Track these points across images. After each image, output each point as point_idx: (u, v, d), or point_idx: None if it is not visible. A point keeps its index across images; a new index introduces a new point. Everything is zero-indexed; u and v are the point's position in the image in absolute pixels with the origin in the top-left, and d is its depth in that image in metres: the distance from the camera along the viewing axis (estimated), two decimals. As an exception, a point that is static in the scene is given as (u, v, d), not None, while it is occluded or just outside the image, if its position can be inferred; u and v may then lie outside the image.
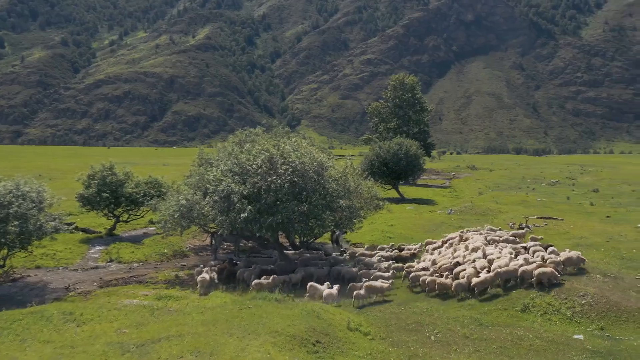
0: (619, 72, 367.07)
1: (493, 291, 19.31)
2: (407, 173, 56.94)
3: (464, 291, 19.44)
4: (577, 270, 19.76)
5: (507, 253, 21.83)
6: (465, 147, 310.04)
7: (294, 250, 26.73)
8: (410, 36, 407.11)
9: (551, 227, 31.37)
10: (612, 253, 22.20)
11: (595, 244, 24.91)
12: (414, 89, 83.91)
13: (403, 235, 32.36)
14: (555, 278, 18.60)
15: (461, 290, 19.42)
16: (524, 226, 30.22)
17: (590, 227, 30.52)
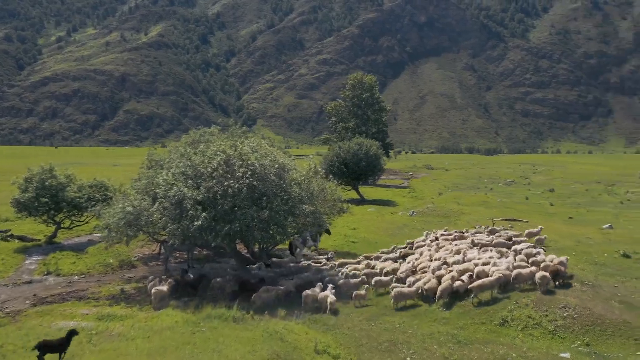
0: (564, 74, 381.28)
1: (468, 304, 18.05)
2: (368, 174, 55.90)
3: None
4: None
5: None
6: (420, 146, 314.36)
7: (254, 259, 24.83)
8: (365, 36, 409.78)
9: (517, 230, 30.66)
10: (584, 258, 21.46)
11: (566, 247, 24.20)
12: (372, 89, 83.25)
13: (367, 240, 31.03)
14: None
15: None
16: (491, 229, 29.36)
17: (556, 229, 30.02)
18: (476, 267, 19.62)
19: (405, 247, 26.64)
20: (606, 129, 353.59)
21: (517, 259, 20.55)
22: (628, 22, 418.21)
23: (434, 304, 18.47)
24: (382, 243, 29.85)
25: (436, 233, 28.36)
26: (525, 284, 18.46)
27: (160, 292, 19.23)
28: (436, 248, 24.62)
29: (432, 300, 18.80)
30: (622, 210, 41.27)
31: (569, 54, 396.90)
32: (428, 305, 18.60)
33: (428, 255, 23.28)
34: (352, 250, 28.35)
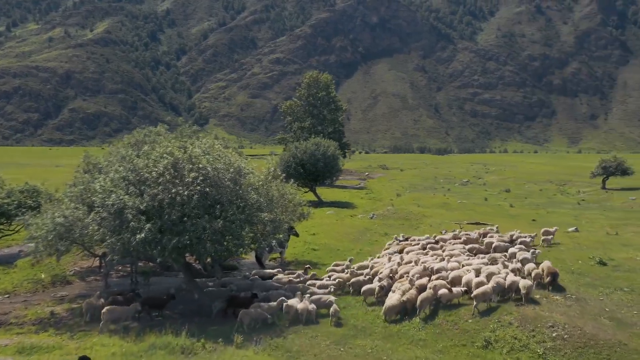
0: (510, 76, 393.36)
1: (444, 323, 16.39)
2: (326, 175, 54.08)
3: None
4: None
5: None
6: (373, 146, 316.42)
7: (206, 273, 22.40)
8: (318, 36, 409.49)
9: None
10: (559, 266, 20.22)
11: (539, 254, 23.17)
12: (328, 87, 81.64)
13: (328, 246, 29.16)
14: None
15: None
16: (458, 233, 28.01)
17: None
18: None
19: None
20: (550, 129, 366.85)
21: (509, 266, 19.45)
22: (569, 27, 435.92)
23: (409, 321, 16.72)
24: (345, 249, 28.11)
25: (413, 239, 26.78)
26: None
27: (112, 312, 16.84)
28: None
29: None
30: (581, 212, 41.20)
31: (515, 57, 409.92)
32: (406, 321, 16.80)
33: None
34: (314, 259, 26.34)
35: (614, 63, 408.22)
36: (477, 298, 16.54)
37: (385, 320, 17.11)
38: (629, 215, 39.31)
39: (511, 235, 25.76)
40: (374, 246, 28.71)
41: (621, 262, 20.92)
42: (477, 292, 16.59)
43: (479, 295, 16.54)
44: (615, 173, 64.59)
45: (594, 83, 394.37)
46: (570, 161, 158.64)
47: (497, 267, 19.13)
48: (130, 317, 17.74)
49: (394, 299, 17.27)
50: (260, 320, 17.07)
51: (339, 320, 17.15)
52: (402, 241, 26.60)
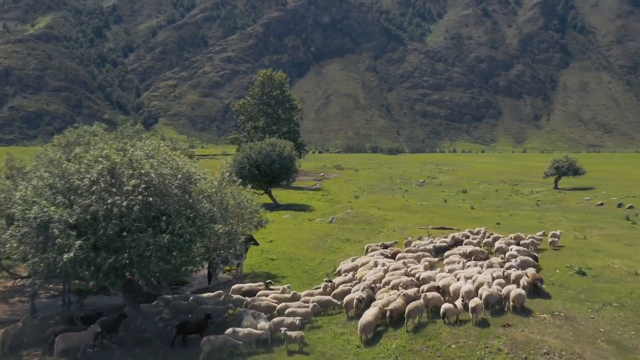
0: (458, 77, 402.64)
1: (426, 351, 14.52)
2: (282, 176, 51.87)
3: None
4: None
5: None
6: (326, 146, 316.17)
7: (151, 291, 19.77)
8: (270, 35, 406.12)
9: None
10: (537, 275, 19.14)
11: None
12: (282, 86, 79.35)
13: (287, 255, 27.00)
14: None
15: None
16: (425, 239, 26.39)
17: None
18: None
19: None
20: (496, 129, 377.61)
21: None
22: (514, 30, 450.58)
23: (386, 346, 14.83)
24: (305, 258, 26.07)
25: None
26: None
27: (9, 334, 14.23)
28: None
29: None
30: (542, 214, 40.70)
31: (463, 58, 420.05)
32: (382, 347, 14.81)
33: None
34: (273, 270, 24.07)
35: (556, 66, 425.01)
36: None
37: (361, 339, 15.20)
38: (590, 217, 39.09)
39: (517, 237, 25.06)
40: (336, 254, 26.78)
41: (600, 271, 19.90)
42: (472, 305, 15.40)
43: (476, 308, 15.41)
44: (567, 173, 65.45)
45: (537, 85, 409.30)
46: (517, 161, 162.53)
47: (486, 276, 17.89)
48: (88, 343, 15.22)
49: (370, 315, 15.46)
50: (227, 347, 14.75)
51: (304, 346, 15.06)
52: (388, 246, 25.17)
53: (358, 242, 29.86)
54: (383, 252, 23.49)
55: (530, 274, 17.70)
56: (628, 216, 38.02)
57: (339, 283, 19.27)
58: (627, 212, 40.95)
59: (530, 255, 21.15)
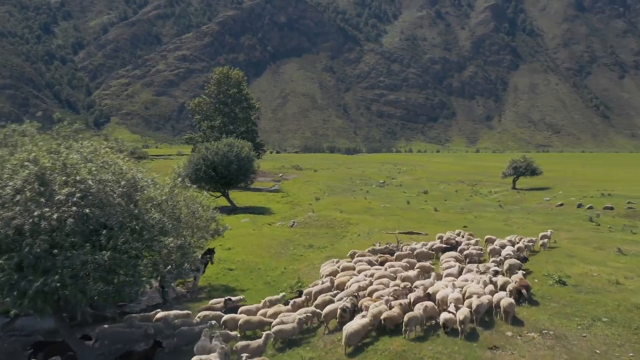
0: (414, 78, 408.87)
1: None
2: (240, 178, 49.65)
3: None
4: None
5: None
6: (284, 146, 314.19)
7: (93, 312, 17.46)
8: (226, 34, 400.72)
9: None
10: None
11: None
12: (240, 84, 76.86)
13: (246, 264, 25.06)
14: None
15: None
16: (394, 246, 24.91)
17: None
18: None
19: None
20: (450, 129, 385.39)
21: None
22: (466, 32, 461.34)
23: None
24: (266, 268, 24.22)
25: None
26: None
27: None
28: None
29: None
30: (507, 215, 40.13)
31: (417, 59, 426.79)
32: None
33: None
34: (232, 282, 21.99)
35: (506, 67, 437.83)
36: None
37: (345, 351, 13.71)
38: (554, 218, 38.80)
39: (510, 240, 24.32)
40: (299, 262, 25.03)
41: (579, 280, 18.96)
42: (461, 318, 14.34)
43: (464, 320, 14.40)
44: (525, 173, 66.06)
45: (489, 86, 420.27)
46: (471, 161, 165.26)
47: (477, 285, 16.85)
48: None
49: (359, 324, 14.21)
50: None
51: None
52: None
53: (322, 249, 28.27)
54: (371, 260, 21.93)
55: (516, 279, 16.77)
56: (591, 217, 37.99)
57: (317, 292, 17.70)
58: (588, 213, 41.08)
59: (519, 258, 20.35)
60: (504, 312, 15.18)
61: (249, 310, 16.60)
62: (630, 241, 28.20)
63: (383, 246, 24.39)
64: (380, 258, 22.25)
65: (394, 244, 25.09)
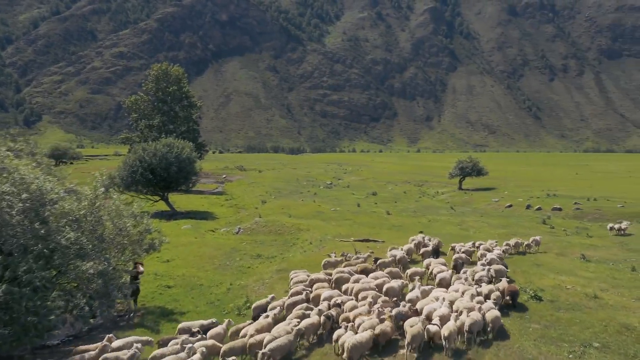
0: (356, 79, 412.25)
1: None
2: (180, 181, 46.33)
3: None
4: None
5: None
6: (227, 146, 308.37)
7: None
8: (165, 31, 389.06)
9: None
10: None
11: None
12: (180, 81, 72.86)
13: (187, 279, 22.24)
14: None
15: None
16: (350, 256, 22.78)
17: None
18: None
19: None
20: (392, 129, 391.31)
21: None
22: (406, 34, 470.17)
23: None
24: (210, 284, 21.53)
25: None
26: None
27: None
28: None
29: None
30: (461, 218, 38.97)
31: (360, 60, 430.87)
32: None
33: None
34: (170, 303, 18.99)
35: (445, 69, 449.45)
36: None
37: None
38: (507, 221, 38.00)
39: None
40: (247, 276, 22.46)
41: (554, 294, 17.58)
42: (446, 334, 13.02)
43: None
44: (471, 174, 66.28)
45: (429, 87, 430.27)
46: (414, 160, 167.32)
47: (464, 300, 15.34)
48: None
49: (363, 337, 12.72)
50: None
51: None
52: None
53: (271, 259, 25.91)
54: (350, 270, 19.83)
55: (502, 287, 15.49)
56: (544, 220, 37.65)
57: (290, 304, 15.80)
58: (539, 214, 40.93)
59: (502, 263, 19.04)
60: (490, 326, 13.96)
61: (218, 335, 14.19)
62: (589, 246, 27.68)
63: (339, 257, 22.38)
64: (359, 267, 20.35)
65: (351, 253, 23.07)
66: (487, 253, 21.21)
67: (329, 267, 20.96)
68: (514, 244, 25.00)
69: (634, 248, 27.50)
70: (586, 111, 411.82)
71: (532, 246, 25.61)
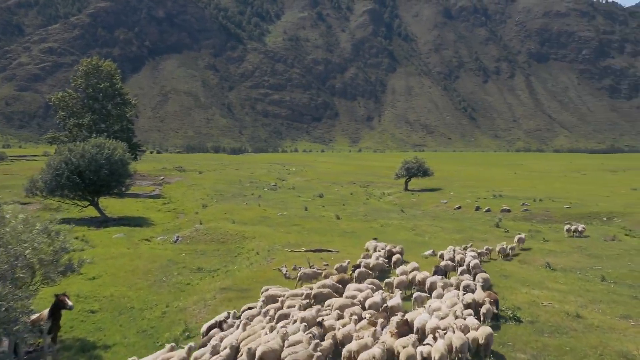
0: (297, 78, 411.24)
1: None
2: (112, 185, 42.53)
3: None
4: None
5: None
6: (165, 145, 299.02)
7: None
8: (98, 27, 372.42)
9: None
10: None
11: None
12: (112, 77, 67.90)
13: (115, 300, 19.22)
14: None
15: None
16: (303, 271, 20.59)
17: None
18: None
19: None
20: (334, 129, 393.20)
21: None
22: (347, 35, 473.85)
23: None
24: (142, 307, 18.59)
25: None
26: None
27: None
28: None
29: None
30: (414, 223, 37.27)
31: (301, 60, 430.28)
32: None
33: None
34: (92, 333, 15.70)
35: (384, 70, 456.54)
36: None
37: None
38: (461, 225, 36.68)
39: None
40: (186, 296, 19.51)
41: (533, 314, 15.87)
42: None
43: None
44: (417, 174, 65.75)
45: (369, 88, 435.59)
46: (356, 160, 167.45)
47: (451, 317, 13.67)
48: None
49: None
50: None
51: None
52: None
53: (213, 273, 23.25)
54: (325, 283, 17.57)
55: (484, 298, 14.19)
56: (497, 223, 36.89)
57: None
58: (490, 217, 40.37)
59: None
60: (483, 346, 12.51)
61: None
62: (549, 252, 26.83)
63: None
64: (337, 278, 18.33)
65: (304, 267, 20.84)
66: (468, 257, 19.86)
67: (306, 280, 18.86)
68: (499, 249, 24.05)
69: (594, 253, 26.95)
70: (517, 112, 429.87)
71: (515, 247, 24.98)
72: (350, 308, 14.55)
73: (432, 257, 22.93)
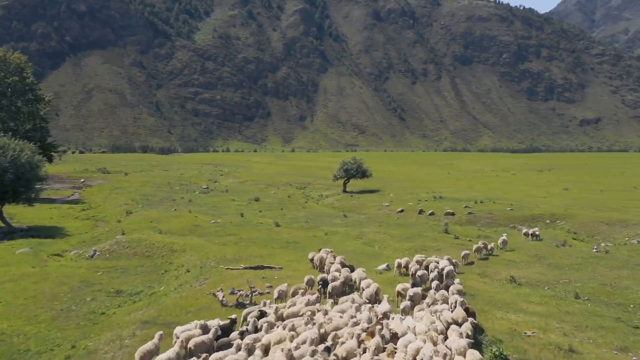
0: (229, 77, 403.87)
1: None
2: (19, 190, 37.30)
3: None
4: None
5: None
6: (89, 145, 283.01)
7: None
8: (13, 19, 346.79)
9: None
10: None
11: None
12: (22, 71, 61.13)
13: (7, 339, 15.11)
14: None
15: None
16: (246, 294, 17.38)
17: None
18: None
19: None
20: (266, 129, 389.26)
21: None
22: (278, 34, 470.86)
23: None
24: (40, 346, 14.84)
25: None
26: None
27: None
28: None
29: None
30: (360, 229, 34.50)
31: (232, 58, 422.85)
32: None
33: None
34: None
35: (316, 70, 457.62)
36: None
37: None
38: (409, 231, 34.37)
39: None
40: (98, 332, 15.80)
41: (520, 349, 13.45)
42: None
43: None
44: (356, 175, 64.00)
45: (301, 87, 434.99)
46: (290, 160, 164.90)
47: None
48: None
49: None
50: None
51: None
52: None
53: (135, 297, 19.69)
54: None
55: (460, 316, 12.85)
56: (446, 229, 35.09)
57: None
58: (435, 221, 38.95)
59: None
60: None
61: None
62: (507, 262, 25.25)
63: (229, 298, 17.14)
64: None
65: (245, 291, 17.72)
66: (438, 264, 18.04)
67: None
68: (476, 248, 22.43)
69: (554, 263, 25.53)
70: (444, 113, 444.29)
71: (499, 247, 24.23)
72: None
73: (387, 272, 20.54)
